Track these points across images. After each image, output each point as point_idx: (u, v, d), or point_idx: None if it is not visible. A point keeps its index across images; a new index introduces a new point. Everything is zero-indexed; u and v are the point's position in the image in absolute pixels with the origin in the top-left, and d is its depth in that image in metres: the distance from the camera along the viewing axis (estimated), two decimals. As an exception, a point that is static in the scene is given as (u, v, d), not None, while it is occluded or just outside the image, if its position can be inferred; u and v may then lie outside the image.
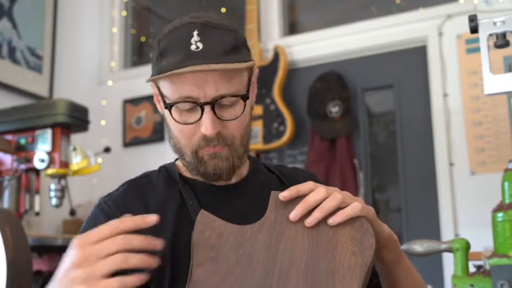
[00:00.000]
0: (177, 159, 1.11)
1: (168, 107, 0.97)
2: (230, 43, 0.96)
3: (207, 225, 0.87)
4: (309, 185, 0.88)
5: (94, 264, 0.74)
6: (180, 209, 1.00)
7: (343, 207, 0.85)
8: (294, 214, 0.85)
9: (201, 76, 0.93)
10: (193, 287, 0.82)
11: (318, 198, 0.85)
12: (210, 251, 0.85)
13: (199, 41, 0.94)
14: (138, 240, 0.76)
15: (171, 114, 0.98)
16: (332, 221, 0.84)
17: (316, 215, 0.85)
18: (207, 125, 0.95)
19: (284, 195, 0.87)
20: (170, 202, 1.02)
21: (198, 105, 0.95)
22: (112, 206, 1.00)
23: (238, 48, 0.97)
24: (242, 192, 1.06)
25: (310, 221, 0.85)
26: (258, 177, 1.12)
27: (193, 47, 0.94)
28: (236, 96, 0.97)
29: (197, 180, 1.05)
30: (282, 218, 0.87)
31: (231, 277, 0.83)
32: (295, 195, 0.87)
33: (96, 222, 0.93)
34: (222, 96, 0.95)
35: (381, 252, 0.95)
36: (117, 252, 0.75)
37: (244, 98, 0.98)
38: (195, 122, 0.97)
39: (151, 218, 0.78)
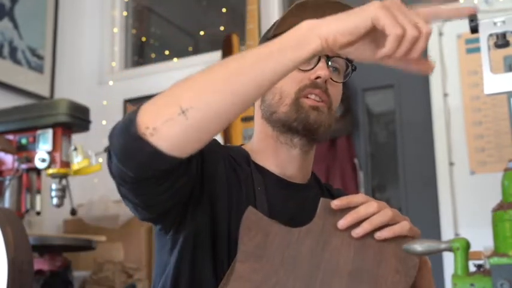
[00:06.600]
0: (242, 145, 1.12)
1: None
2: None
3: (254, 223, 0.87)
4: (360, 197, 0.90)
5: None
6: (247, 191, 1.01)
7: (392, 224, 0.87)
8: (343, 222, 0.87)
9: None
10: (236, 282, 0.82)
11: (369, 211, 0.87)
12: (255, 249, 0.85)
13: None
14: None
15: None
16: (380, 234, 0.86)
17: (365, 227, 0.86)
18: (323, 68, 1.00)
19: (336, 203, 0.88)
20: (243, 181, 1.02)
21: None
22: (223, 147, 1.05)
23: None
24: (307, 194, 1.08)
25: (358, 231, 0.86)
26: (318, 185, 1.16)
27: None
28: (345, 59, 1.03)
29: (268, 171, 1.06)
30: (329, 226, 0.88)
31: (274, 278, 0.83)
32: (346, 205, 0.89)
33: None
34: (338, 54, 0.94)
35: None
36: None
37: (351, 63, 1.05)
38: (309, 70, 1.01)
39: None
